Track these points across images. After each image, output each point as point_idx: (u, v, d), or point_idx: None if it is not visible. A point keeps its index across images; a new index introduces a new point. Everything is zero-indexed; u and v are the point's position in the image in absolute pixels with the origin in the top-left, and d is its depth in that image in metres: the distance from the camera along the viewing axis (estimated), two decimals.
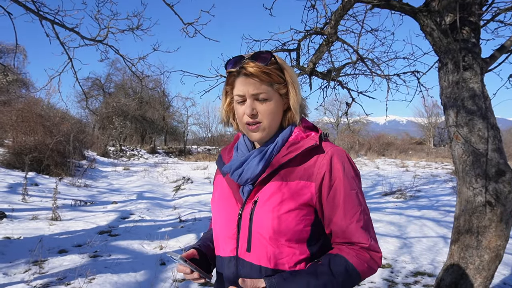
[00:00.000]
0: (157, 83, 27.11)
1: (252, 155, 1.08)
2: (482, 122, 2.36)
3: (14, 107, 12.13)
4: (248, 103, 1.05)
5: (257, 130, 1.07)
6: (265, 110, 1.05)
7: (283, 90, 1.07)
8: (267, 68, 1.03)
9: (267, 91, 1.04)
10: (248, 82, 1.03)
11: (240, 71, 1.04)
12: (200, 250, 1.16)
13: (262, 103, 1.05)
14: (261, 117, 1.05)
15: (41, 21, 4.18)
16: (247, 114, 1.05)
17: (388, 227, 5.67)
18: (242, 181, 1.07)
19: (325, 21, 3.31)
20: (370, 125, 40.00)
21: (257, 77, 1.03)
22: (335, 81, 3.86)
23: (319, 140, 1.06)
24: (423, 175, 12.49)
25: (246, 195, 1.06)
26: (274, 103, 1.06)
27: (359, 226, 1.01)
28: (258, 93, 1.04)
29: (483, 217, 2.31)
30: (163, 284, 3.49)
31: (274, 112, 1.07)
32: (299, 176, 1.03)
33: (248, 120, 1.06)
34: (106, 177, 12.01)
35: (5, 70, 14.54)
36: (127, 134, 25.13)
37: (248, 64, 1.03)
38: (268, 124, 1.07)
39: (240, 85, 1.05)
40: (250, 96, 1.04)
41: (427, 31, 2.50)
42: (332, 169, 1.02)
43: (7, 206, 6.23)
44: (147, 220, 6.21)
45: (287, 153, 1.05)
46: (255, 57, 1.04)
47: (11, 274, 3.55)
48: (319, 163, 1.03)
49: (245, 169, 1.06)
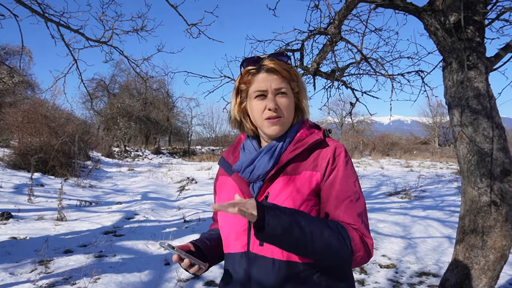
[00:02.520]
0: (161, 84, 27.25)
1: (262, 152, 1.12)
2: (487, 122, 2.35)
3: (20, 108, 12.24)
4: (270, 97, 1.10)
5: (278, 123, 1.11)
6: (285, 105, 1.11)
7: (297, 89, 1.15)
8: (288, 66, 1.12)
9: (287, 86, 1.12)
10: (271, 77, 1.10)
11: (260, 68, 1.11)
12: (195, 245, 1.18)
13: (282, 98, 1.11)
14: (282, 111, 1.11)
15: (47, 23, 4.21)
16: (271, 108, 1.09)
17: (393, 227, 5.65)
18: (253, 178, 1.11)
19: (328, 21, 3.31)
20: (375, 125, 39.87)
21: (280, 73, 1.10)
22: (339, 81, 3.85)
23: (323, 136, 1.13)
24: (428, 175, 12.42)
25: (257, 191, 1.10)
26: (290, 99, 1.13)
27: (350, 208, 1.03)
28: (281, 87, 1.10)
29: (488, 217, 2.30)
30: (168, 284, 3.50)
31: (292, 108, 1.14)
32: (305, 168, 1.08)
33: (271, 114, 1.10)
34: (110, 178, 12.07)
35: (11, 72, 14.67)
36: (132, 135, 25.25)
37: (269, 61, 1.10)
38: (287, 118, 1.13)
39: (261, 81, 1.11)
40: (273, 91, 1.10)
41: (431, 30, 2.50)
42: (335, 157, 1.08)
43: (13, 206, 6.28)
44: (151, 220, 6.24)
45: (294, 149, 1.10)
46: (275, 56, 1.12)
47: (18, 273, 3.58)
48: (323, 154, 1.09)
49: (257, 166, 1.11)
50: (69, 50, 4.72)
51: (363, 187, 9.89)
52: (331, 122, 34.16)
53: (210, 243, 1.21)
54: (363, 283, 3.65)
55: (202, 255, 1.16)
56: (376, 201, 8.19)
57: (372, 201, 8.13)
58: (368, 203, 7.71)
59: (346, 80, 3.98)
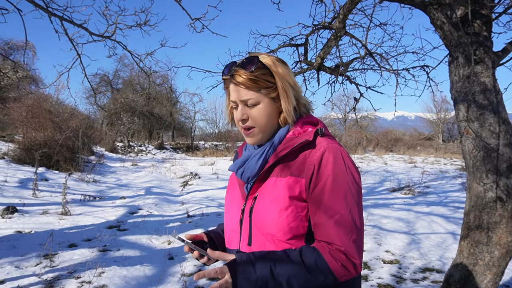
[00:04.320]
0: (164, 79, 27.24)
1: (254, 153, 1.12)
2: (493, 117, 2.32)
3: (24, 103, 12.28)
4: (239, 108, 1.09)
5: (250, 134, 1.10)
6: (255, 115, 1.08)
7: (274, 94, 1.08)
8: (253, 75, 1.05)
9: (255, 96, 1.06)
10: (237, 89, 1.08)
11: (231, 78, 1.08)
12: (208, 235, 1.22)
13: (252, 108, 1.08)
14: (253, 122, 1.09)
15: (50, 17, 4.21)
16: (238, 119, 1.10)
17: (396, 223, 5.64)
18: (244, 179, 1.12)
19: (333, 15, 3.29)
20: (378, 121, 39.75)
21: (243, 85, 1.06)
22: (343, 76, 3.83)
23: (313, 136, 1.06)
24: (432, 171, 12.37)
25: (248, 192, 1.11)
26: (264, 107, 1.08)
27: (337, 226, 0.97)
28: (247, 99, 1.07)
29: (494, 213, 2.29)
30: (171, 278, 3.52)
31: (266, 116, 1.08)
32: (291, 172, 1.04)
33: (242, 125, 1.10)
34: (114, 173, 12.12)
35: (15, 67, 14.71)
36: (135, 130, 25.32)
37: (236, 72, 1.06)
38: (262, 128, 1.09)
39: (232, 92, 1.10)
40: (240, 102, 1.08)
41: (437, 24, 2.47)
42: (322, 165, 1.00)
43: (18, 201, 6.32)
44: (155, 215, 6.26)
45: (282, 149, 1.07)
46: (242, 65, 1.07)
47: (23, 267, 3.62)
48: (310, 159, 1.03)
49: (246, 168, 1.11)
50: (73, 45, 4.72)
51: (366, 183, 9.87)
52: (334, 118, 34.08)
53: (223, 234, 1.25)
54: (367, 278, 3.65)
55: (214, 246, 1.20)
56: (379, 197, 8.18)
57: (375, 196, 8.11)
58: (372, 199, 7.70)
59: (350, 75, 3.96)
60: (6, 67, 15.85)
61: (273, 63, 1.08)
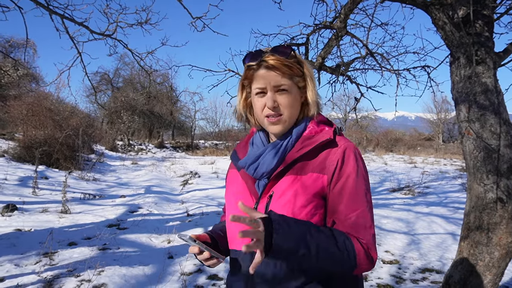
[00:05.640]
0: (165, 78, 27.25)
1: (267, 149, 1.10)
2: (494, 118, 2.32)
3: (25, 101, 12.27)
4: (269, 95, 1.06)
5: (278, 122, 1.08)
6: (285, 102, 1.06)
7: (302, 84, 1.09)
8: (288, 61, 1.05)
9: (288, 83, 1.06)
10: (270, 74, 1.05)
11: (260, 64, 1.06)
12: (212, 236, 1.19)
13: (283, 95, 1.06)
14: (282, 109, 1.07)
15: (51, 15, 4.21)
16: (269, 106, 1.06)
17: (396, 223, 5.64)
18: (257, 175, 1.09)
19: (334, 15, 3.28)
20: (378, 121, 39.73)
21: (279, 70, 1.04)
22: (344, 76, 3.82)
23: (333, 135, 1.07)
24: (432, 172, 12.37)
25: (262, 189, 1.08)
26: (293, 95, 1.08)
27: (360, 222, 1.00)
28: (280, 85, 1.05)
29: (494, 214, 2.28)
30: (171, 277, 3.52)
31: (294, 105, 1.08)
32: (312, 169, 1.04)
33: (269, 112, 1.07)
34: (114, 171, 12.12)
35: (16, 65, 14.70)
36: (135, 129, 25.31)
37: (269, 57, 1.04)
38: (288, 116, 1.08)
39: (260, 78, 1.06)
40: (272, 88, 1.05)
41: (439, 24, 2.46)
42: (344, 162, 1.03)
43: (18, 199, 6.32)
44: (155, 214, 6.26)
45: (301, 148, 1.06)
46: (275, 51, 1.05)
47: (23, 265, 3.62)
48: (332, 156, 1.04)
49: (261, 163, 1.08)
50: (74, 43, 4.71)
51: None
52: (335, 118, 34.06)
53: (224, 234, 1.22)
54: (366, 278, 3.65)
55: (216, 247, 1.17)
56: (379, 197, 8.17)
57: (375, 197, 8.11)
58: (372, 199, 7.70)
59: (351, 75, 3.95)
60: (7, 65, 15.84)
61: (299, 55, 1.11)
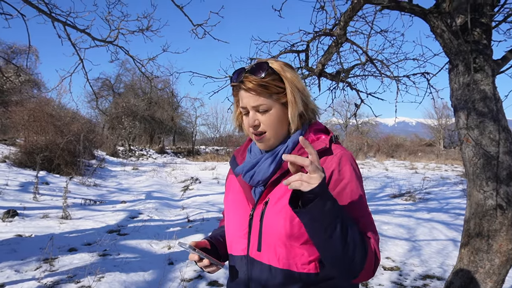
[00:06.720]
0: (166, 84, 27.31)
1: (264, 157, 1.11)
2: (493, 125, 2.33)
3: (26, 107, 12.33)
4: (250, 115, 1.08)
5: (262, 140, 1.10)
6: (266, 121, 1.07)
7: (284, 99, 1.08)
8: (264, 81, 1.04)
9: (266, 102, 1.06)
10: (248, 95, 1.06)
11: (240, 84, 1.07)
12: (211, 242, 1.21)
13: (263, 114, 1.07)
14: (264, 127, 1.08)
15: (53, 22, 4.25)
16: (250, 126, 1.09)
17: (397, 229, 5.62)
18: (253, 183, 1.10)
19: (334, 22, 3.30)
20: (379, 127, 39.75)
21: (254, 91, 1.05)
22: (344, 83, 3.84)
23: (329, 143, 1.08)
24: (433, 177, 12.35)
25: (258, 196, 1.09)
26: (275, 112, 1.08)
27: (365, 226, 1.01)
28: (258, 105, 1.06)
29: (494, 221, 2.28)
30: (171, 284, 3.51)
31: (277, 121, 1.08)
32: None
33: (253, 131, 1.09)
34: (115, 177, 12.13)
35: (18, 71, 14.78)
36: (136, 134, 25.34)
37: (246, 78, 1.05)
38: (272, 134, 1.09)
39: (242, 98, 1.08)
40: (251, 108, 1.07)
41: (437, 32, 2.48)
42: (341, 169, 1.04)
43: (19, 204, 6.32)
44: (155, 219, 6.26)
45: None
46: (252, 71, 1.06)
47: (23, 271, 3.61)
48: (328, 163, 1.05)
49: (257, 171, 1.09)
50: (75, 50, 4.75)
51: (367, 189, 9.85)
52: (335, 123, 34.09)
53: (223, 240, 1.23)
54: (367, 285, 3.64)
55: (216, 253, 1.19)
56: (380, 203, 8.16)
57: (376, 203, 8.10)
58: (372, 205, 7.68)
59: (351, 82, 3.97)
60: (9, 71, 15.93)
61: (282, 68, 1.08)
